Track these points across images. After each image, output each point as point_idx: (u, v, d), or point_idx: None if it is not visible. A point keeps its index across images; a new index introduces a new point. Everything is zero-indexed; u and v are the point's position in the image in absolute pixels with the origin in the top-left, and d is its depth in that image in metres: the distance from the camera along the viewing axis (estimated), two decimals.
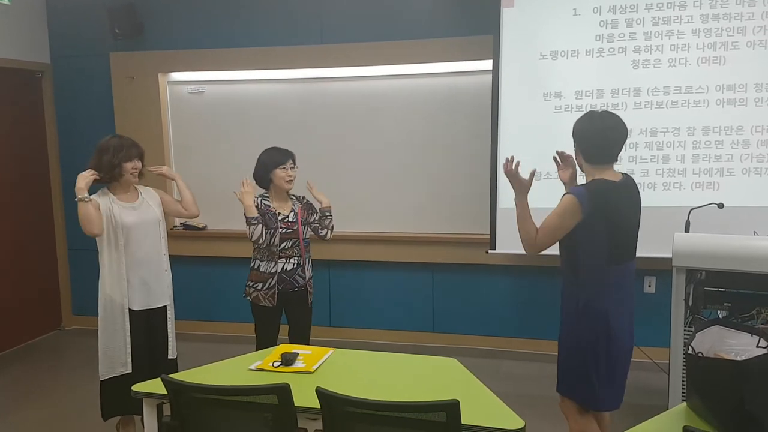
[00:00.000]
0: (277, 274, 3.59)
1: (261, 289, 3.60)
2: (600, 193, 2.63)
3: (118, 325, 3.31)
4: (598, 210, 2.61)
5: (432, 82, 4.93)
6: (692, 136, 4.14)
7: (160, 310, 3.43)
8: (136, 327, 3.33)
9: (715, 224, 3.72)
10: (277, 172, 3.59)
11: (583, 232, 2.65)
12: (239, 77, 5.24)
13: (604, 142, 2.68)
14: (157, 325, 3.42)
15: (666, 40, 4.12)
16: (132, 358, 3.32)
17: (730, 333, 2.22)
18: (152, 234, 3.38)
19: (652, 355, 4.48)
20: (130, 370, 3.30)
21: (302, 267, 3.66)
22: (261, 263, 3.61)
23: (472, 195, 4.86)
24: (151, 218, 3.38)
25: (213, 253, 5.40)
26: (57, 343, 5.48)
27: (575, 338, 2.74)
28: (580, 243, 2.67)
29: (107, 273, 3.30)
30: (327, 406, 2.14)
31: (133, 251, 3.31)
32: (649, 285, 4.73)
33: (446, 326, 5.16)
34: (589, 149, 2.70)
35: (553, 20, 4.29)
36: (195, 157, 5.40)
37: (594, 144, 2.69)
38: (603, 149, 2.69)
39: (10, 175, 5.26)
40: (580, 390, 2.76)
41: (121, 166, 3.27)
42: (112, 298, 3.30)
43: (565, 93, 4.31)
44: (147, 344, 3.38)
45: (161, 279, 3.42)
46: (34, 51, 5.45)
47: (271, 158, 3.61)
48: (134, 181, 3.36)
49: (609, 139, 2.67)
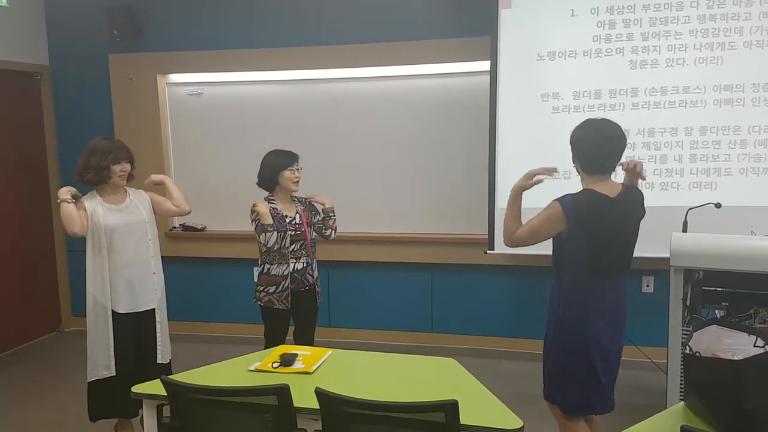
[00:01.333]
0: (289, 275, 3.61)
1: (274, 292, 3.60)
2: (586, 205, 2.61)
3: (101, 327, 3.30)
4: (581, 222, 2.60)
5: (430, 83, 4.94)
6: (690, 136, 4.16)
7: (149, 313, 3.41)
8: (122, 330, 3.31)
9: (713, 224, 3.72)
10: (285, 174, 3.61)
11: (567, 244, 2.66)
12: (237, 78, 5.24)
13: (600, 153, 2.64)
14: (147, 329, 3.41)
15: (663, 40, 4.13)
16: (116, 361, 3.30)
17: (728, 332, 2.23)
18: (138, 236, 3.36)
19: (650, 355, 4.49)
20: (113, 374, 3.29)
21: (311, 266, 3.69)
22: (272, 266, 3.61)
23: (471, 195, 4.87)
24: (136, 220, 3.36)
25: (212, 254, 5.41)
26: (56, 345, 5.48)
27: (555, 346, 2.78)
28: (563, 253, 2.70)
29: (91, 275, 3.31)
30: (326, 407, 2.15)
31: (117, 253, 3.29)
32: (647, 285, 4.74)
33: (445, 326, 5.16)
34: (585, 159, 2.67)
35: (550, 21, 4.30)
36: (194, 159, 5.41)
37: (590, 154, 2.65)
38: (598, 159, 2.65)
39: (8, 177, 5.26)
40: (561, 397, 2.78)
41: (109, 168, 3.26)
42: (96, 299, 3.30)
43: (563, 94, 4.32)
44: (134, 348, 3.37)
45: (148, 282, 3.40)
46: (33, 53, 5.45)
47: (278, 160, 3.63)
48: (122, 183, 3.35)
49: (605, 151, 2.63)
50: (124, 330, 3.32)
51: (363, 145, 5.10)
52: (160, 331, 3.45)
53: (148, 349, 3.41)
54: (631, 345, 4.43)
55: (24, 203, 5.42)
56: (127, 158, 3.33)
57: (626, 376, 4.39)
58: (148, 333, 3.41)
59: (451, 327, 5.15)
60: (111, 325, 3.29)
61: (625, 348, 2.87)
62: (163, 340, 3.46)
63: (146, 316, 3.40)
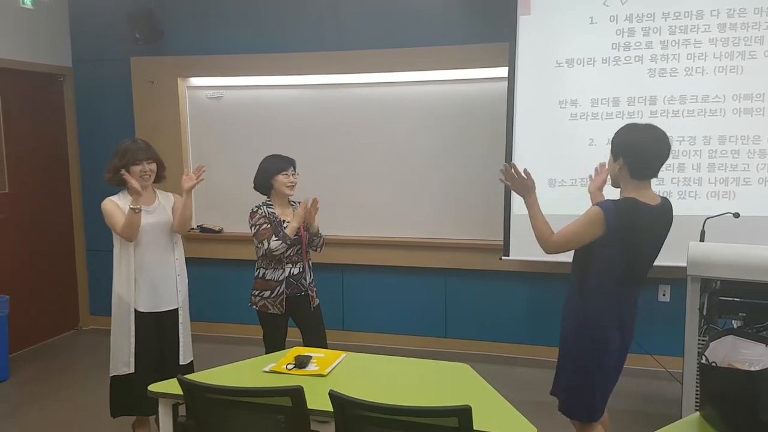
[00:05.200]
0: (285, 280, 3.62)
1: (269, 297, 3.62)
2: (628, 212, 2.57)
3: (123, 324, 3.34)
4: (621, 229, 2.56)
5: (447, 89, 4.94)
6: (708, 145, 4.13)
7: (171, 314, 3.43)
8: (144, 329, 3.35)
9: (731, 234, 3.70)
10: (279, 178, 3.62)
11: (601, 249, 2.62)
12: (257, 83, 5.28)
13: (650, 155, 2.60)
14: (169, 330, 3.43)
15: (683, 49, 4.11)
16: (136, 359, 3.33)
17: (745, 343, 2.21)
18: (164, 238, 3.39)
19: (665, 364, 4.46)
20: (132, 371, 3.33)
21: (305, 271, 3.69)
22: (267, 271, 3.63)
23: (486, 201, 4.87)
24: (163, 222, 3.39)
25: (229, 256, 5.45)
26: (74, 342, 5.55)
27: (575, 354, 2.76)
28: (595, 260, 2.65)
29: (117, 272, 3.35)
30: (340, 409, 2.16)
31: (143, 253, 3.32)
32: (663, 294, 4.71)
33: (459, 332, 5.16)
34: (634, 162, 2.61)
35: (569, 28, 4.30)
36: (212, 161, 5.44)
37: (639, 157, 2.60)
38: (649, 162, 2.61)
39: (30, 176, 5.34)
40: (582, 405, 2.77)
41: (128, 168, 3.27)
42: (120, 296, 3.34)
43: (581, 101, 4.31)
44: (156, 348, 3.40)
45: (171, 283, 3.42)
46: (56, 55, 5.54)
47: (273, 165, 3.66)
48: (144, 185, 3.32)
49: (655, 151, 2.60)
50: (146, 329, 3.35)
51: (379, 150, 5.11)
52: (183, 332, 3.46)
53: (170, 350, 3.44)
54: (645, 354, 4.41)
55: (45, 203, 5.50)
56: (148, 158, 3.33)
57: (640, 384, 4.37)
58: (170, 333, 3.43)
59: (465, 332, 5.14)
60: (133, 322, 3.33)
61: (639, 357, 2.87)
62: (185, 341, 3.47)
63: (168, 317, 3.42)
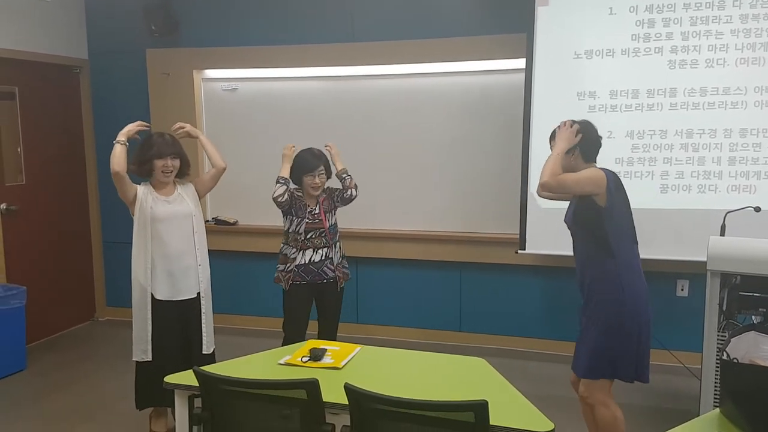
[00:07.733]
0: (305, 265, 3.70)
1: (281, 270, 3.78)
2: (616, 175, 2.92)
3: (142, 311, 3.38)
4: (619, 190, 2.86)
5: (464, 80, 4.91)
6: (729, 138, 4.06)
7: (192, 302, 3.44)
8: (163, 318, 3.37)
9: (752, 228, 3.65)
10: (305, 180, 3.70)
11: (609, 215, 2.83)
12: (272, 75, 5.28)
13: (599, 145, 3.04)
14: (191, 319, 3.45)
15: (704, 40, 4.04)
16: (153, 346, 3.36)
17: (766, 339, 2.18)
18: (184, 228, 3.42)
19: (683, 360, 4.42)
20: (149, 359, 3.36)
21: (330, 258, 3.72)
22: (285, 246, 3.79)
23: (503, 194, 4.84)
24: (183, 212, 3.42)
25: (244, 248, 5.46)
26: (90, 333, 5.59)
27: (620, 320, 2.86)
28: (610, 227, 2.84)
29: (135, 260, 3.38)
30: (355, 403, 2.15)
31: (162, 243, 3.35)
32: (681, 288, 4.65)
33: (473, 326, 5.14)
34: (589, 149, 3.00)
35: (588, 19, 4.24)
36: (227, 153, 5.37)
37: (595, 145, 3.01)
38: (597, 150, 3.03)
39: (47, 168, 5.38)
40: (621, 367, 2.87)
41: (151, 162, 3.32)
42: (139, 284, 3.38)
43: (600, 93, 4.26)
44: (179, 337, 3.42)
45: (191, 273, 3.44)
46: (73, 47, 5.56)
47: (301, 165, 3.73)
48: (165, 180, 3.37)
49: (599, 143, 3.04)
50: (164, 317, 3.38)
51: (395, 142, 5.09)
52: (205, 321, 3.49)
53: (192, 339, 3.46)
54: (663, 349, 4.37)
55: (62, 195, 5.53)
56: (172, 154, 3.36)
57: (658, 380, 4.32)
58: (193, 323, 3.45)
59: (479, 326, 5.12)
60: (150, 310, 3.36)
61: (657, 352, 2.87)
62: (207, 331, 3.50)
63: (190, 306, 3.44)
